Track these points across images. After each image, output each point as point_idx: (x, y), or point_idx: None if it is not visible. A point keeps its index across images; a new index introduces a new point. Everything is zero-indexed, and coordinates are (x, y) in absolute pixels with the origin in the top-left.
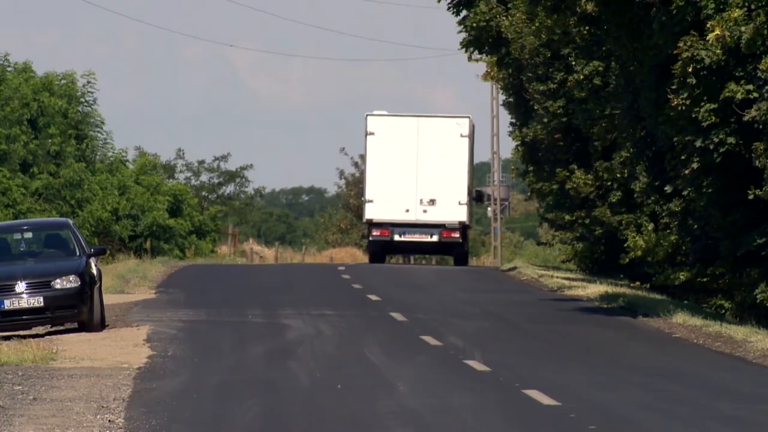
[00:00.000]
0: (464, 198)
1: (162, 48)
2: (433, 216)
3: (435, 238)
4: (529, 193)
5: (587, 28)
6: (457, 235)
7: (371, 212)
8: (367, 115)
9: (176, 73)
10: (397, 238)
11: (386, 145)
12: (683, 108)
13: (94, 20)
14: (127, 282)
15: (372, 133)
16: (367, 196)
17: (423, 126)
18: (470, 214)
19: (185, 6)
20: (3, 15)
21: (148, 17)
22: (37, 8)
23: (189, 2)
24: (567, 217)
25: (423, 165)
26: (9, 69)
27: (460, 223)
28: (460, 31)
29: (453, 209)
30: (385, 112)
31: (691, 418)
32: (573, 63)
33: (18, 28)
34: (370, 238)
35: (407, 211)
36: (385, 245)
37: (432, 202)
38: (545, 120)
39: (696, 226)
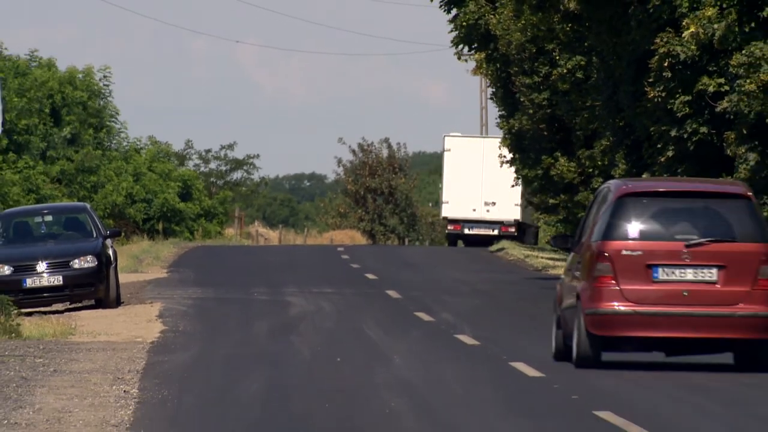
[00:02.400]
0: (518, 200)
1: (172, 44)
2: (494, 215)
3: (495, 232)
4: (515, 180)
5: (570, 25)
6: (512, 229)
7: (447, 211)
8: (444, 136)
9: (185, 67)
10: (466, 231)
11: (459, 159)
12: (659, 100)
13: (110, 18)
14: (140, 262)
15: (448, 150)
16: (444, 198)
17: (487, 144)
18: (523, 213)
19: (194, 4)
20: (26, 12)
21: (160, 15)
22: (57, 6)
23: (197, 1)
24: (551, 201)
25: (486, 174)
26: (33, 64)
27: (515, 220)
28: (451, 31)
29: (509, 209)
30: (459, 134)
31: (662, 387)
32: (557, 58)
33: (39, 26)
34: (446, 231)
35: (474, 210)
36: (458, 236)
37: (493, 203)
38: (531, 111)
39: None
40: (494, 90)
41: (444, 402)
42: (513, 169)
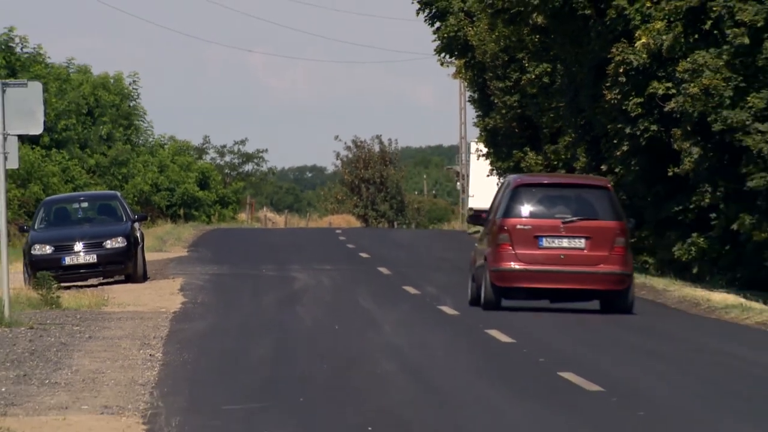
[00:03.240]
0: None
1: (192, 53)
2: None
3: None
4: (490, 171)
5: (537, 36)
6: None
7: (472, 203)
8: (470, 142)
9: (204, 73)
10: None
11: (481, 160)
12: (615, 101)
13: (138, 30)
14: (164, 242)
15: (473, 153)
16: (470, 192)
17: None
18: None
19: (211, 18)
20: (64, 23)
21: (182, 28)
22: (92, 18)
23: (214, 15)
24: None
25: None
26: (72, 70)
27: None
28: (435, 41)
29: None
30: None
31: (620, 352)
32: (526, 65)
33: (76, 35)
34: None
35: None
36: (479, 223)
37: None
38: (503, 111)
39: (625, 197)
40: (472, 93)
41: (428, 364)
42: (488, 161)
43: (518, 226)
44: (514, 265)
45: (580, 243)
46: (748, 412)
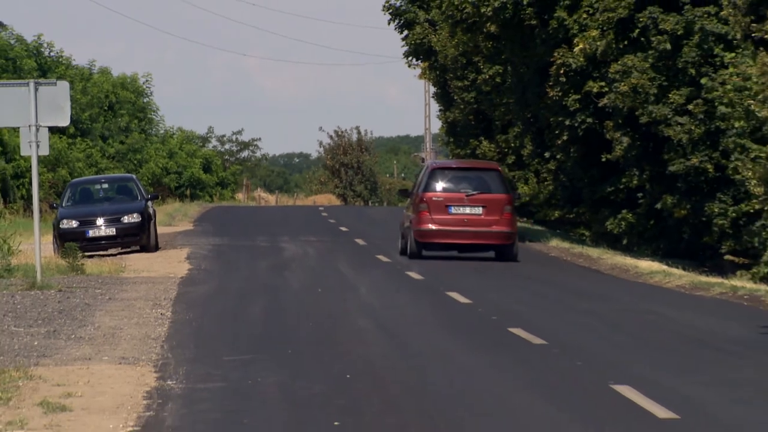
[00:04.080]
0: None
1: (197, 57)
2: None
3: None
4: (450, 156)
5: (491, 43)
6: None
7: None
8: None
9: (207, 74)
10: None
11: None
12: (557, 98)
13: (151, 37)
14: (173, 218)
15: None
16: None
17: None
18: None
19: (213, 27)
20: (87, 28)
21: (188, 35)
22: (111, 25)
23: (215, 24)
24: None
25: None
26: (94, 71)
27: None
28: (403, 46)
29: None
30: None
31: (561, 311)
32: (481, 67)
33: (97, 40)
34: None
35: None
36: None
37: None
38: (462, 107)
39: (565, 179)
40: (435, 91)
41: (397, 321)
42: (449, 149)
43: (434, 198)
44: (431, 226)
45: (479, 210)
46: (668, 360)
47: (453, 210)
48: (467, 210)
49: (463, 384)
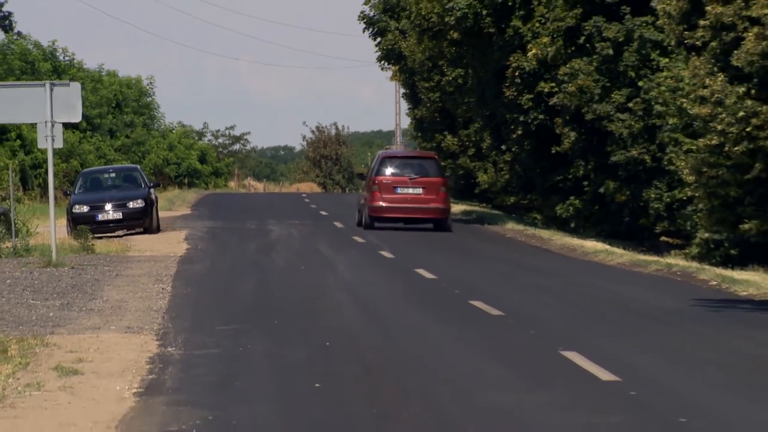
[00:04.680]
0: None
1: (194, 60)
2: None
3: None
4: (418, 149)
5: (454, 48)
6: None
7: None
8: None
9: (202, 76)
10: None
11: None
12: (512, 97)
13: (153, 43)
14: (173, 203)
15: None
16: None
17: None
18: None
19: (207, 33)
20: (96, 36)
21: (186, 42)
22: (118, 35)
23: (210, 31)
24: (441, 163)
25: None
26: (103, 74)
27: None
28: (377, 51)
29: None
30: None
31: (516, 286)
32: (445, 70)
33: (105, 45)
34: None
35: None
36: None
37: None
38: (428, 105)
39: (520, 169)
40: (404, 91)
41: (372, 295)
42: (417, 142)
43: (384, 181)
44: (382, 203)
45: (419, 190)
46: (611, 329)
47: (399, 190)
48: (410, 190)
49: (429, 350)
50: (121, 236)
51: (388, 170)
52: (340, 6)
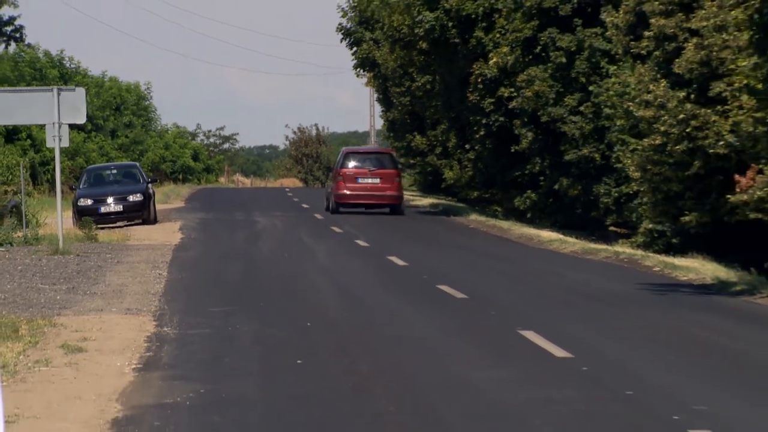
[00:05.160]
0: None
1: (187, 67)
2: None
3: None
4: (390, 148)
5: (423, 57)
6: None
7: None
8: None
9: (195, 81)
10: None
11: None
12: (475, 101)
13: (151, 53)
14: (168, 197)
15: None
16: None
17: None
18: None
19: (200, 44)
20: (99, 45)
21: (180, 50)
22: (119, 45)
23: (202, 42)
24: (411, 161)
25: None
26: (105, 79)
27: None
28: (353, 60)
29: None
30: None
31: (479, 271)
32: (415, 76)
33: (108, 54)
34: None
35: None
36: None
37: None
38: (399, 108)
39: (482, 166)
40: (378, 95)
41: (348, 280)
42: (389, 142)
43: (347, 172)
44: (346, 192)
45: (377, 180)
46: (565, 311)
47: (360, 180)
48: (369, 180)
49: (401, 329)
50: (122, 227)
51: (351, 163)
52: (319, 19)
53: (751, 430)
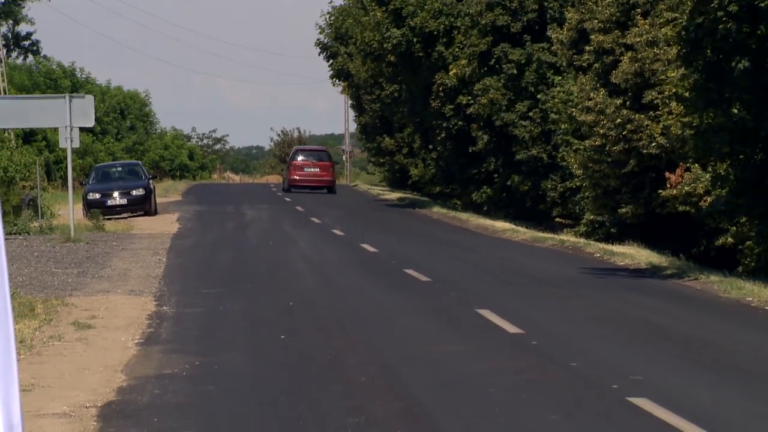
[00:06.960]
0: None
1: (183, 77)
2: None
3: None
4: (363, 148)
5: (391, 68)
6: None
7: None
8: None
9: (190, 90)
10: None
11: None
12: (437, 108)
13: (151, 64)
14: (167, 191)
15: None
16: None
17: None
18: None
19: (193, 57)
20: (104, 58)
21: (177, 62)
22: (124, 57)
23: (195, 54)
24: (381, 160)
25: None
26: (111, 87)
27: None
28: (329, 70)
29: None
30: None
31: (441, 257)
32: (384, 85)
33: (112, 66)
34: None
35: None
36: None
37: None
38: (371, 114)
39: (443, 165)
40: (352, 102)
41: (326, 265)
42: (362, 143)
43: (297, 163)
44: (296, 177)
45: (318, 169)
46: (517, 292)
47: (306, 169)
48: (312, 169)
49: (372, 309)
50: (126, 218)
51: (300, 157)
52: (300, 35)
53: (682, 395)
